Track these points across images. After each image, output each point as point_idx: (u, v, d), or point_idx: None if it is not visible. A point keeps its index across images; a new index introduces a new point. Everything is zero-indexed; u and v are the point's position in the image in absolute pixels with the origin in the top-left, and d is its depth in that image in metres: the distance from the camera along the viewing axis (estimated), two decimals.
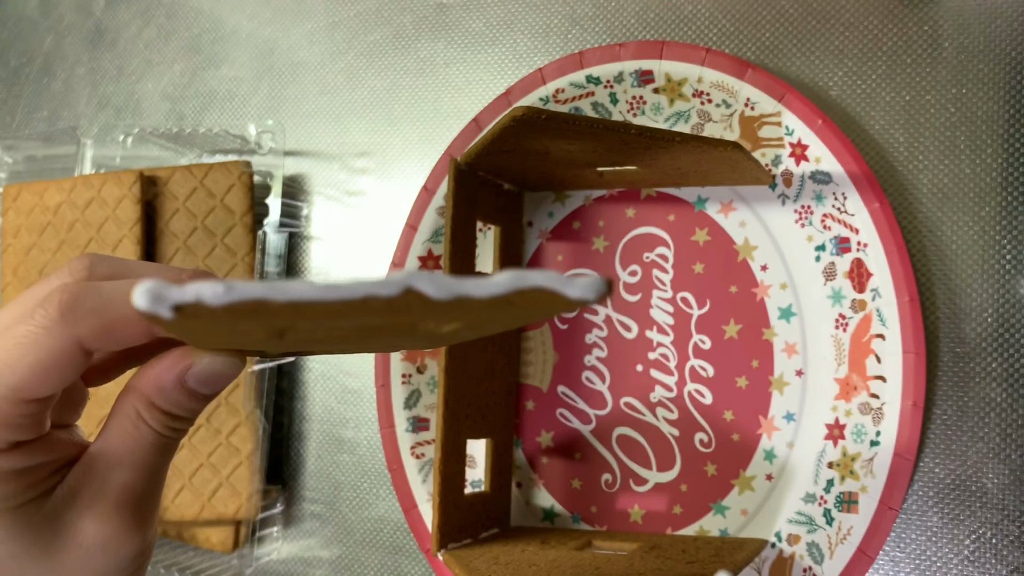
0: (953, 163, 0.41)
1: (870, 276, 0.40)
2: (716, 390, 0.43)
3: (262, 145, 0.52)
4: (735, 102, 0.43)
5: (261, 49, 0.57)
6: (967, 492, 0.39)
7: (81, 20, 0.63)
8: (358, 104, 0.54)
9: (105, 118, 0.61)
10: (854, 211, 0.40)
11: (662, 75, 0.44)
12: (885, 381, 0.39)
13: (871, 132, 0.42)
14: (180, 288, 0.14)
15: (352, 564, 0.50)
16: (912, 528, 0.40)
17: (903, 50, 0.42)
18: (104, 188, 0.52)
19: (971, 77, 0.41)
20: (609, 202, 0.46)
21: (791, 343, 0.42)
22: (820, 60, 0.44)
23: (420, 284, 0.14)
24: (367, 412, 0.51)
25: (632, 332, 0.45)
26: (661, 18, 0.47)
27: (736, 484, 0.42)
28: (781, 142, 0.42)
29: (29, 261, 0.54)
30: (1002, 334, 0.40)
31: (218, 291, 0.14)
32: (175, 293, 0.14)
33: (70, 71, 0.63)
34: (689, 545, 0.40)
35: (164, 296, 0.14)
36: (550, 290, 0.15)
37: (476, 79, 0.51)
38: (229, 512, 0.49)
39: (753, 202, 0.44)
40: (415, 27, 0.53)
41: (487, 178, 0.44)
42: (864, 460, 0.39)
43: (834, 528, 0.39)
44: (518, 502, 0.46)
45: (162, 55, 0.60)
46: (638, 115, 0.45)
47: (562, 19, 0.49)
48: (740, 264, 0.43)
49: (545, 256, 0.47)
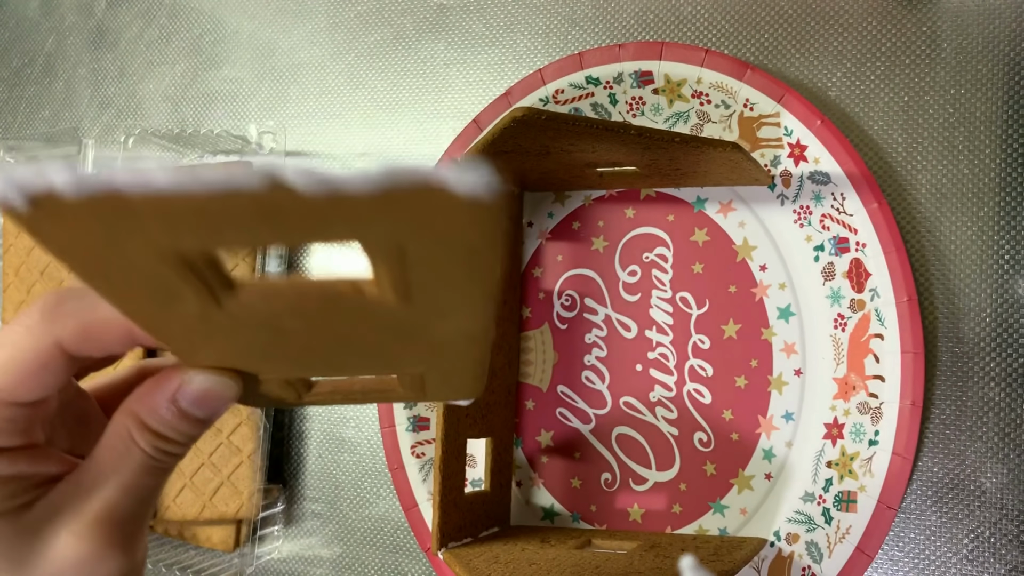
0: (952, 163, 0.41)
1: (869, 276, 0.40)
2: (715, 390, 0.43)
3: (263, 146, 0.52)
4: (734, 103, 0.43)
5: (262, 50, 0.57)
6: (965, 491, 0.39)
7: (83, 21, 0.63)
8: (359, 105, 0.54)
9: (107, 119, 0.61)
10: (853, 211, 0.40)
11: (661, 76, 0.44)
12: (884, 381, 0.39)
13: (870, 132, 0.43)
14: (34, 171, 0.13)
15: (353, 563, 0.50)
16: (911, 527, 0.40)
17: (902, 51, 0.43)
18: None
19: (969, 78, 0.41)
20: (609, 202, 0.47)
21: (790, 343, 0.42)
22: (819, 61, 0.44)
23: (286, 173, 0.13)
24: (368, 411, 0.51)
25: (632, 332, 0.45)
26: (660, 19, 0.47)
27: (735, 483, 0.43)
28: (780, 142, 0.42)
29: (31, 261, 0.55)
30: (1000, 334, 0.40)
31: (69, 176, 0.13)
32: (27, 175, 0.13)
33: (72, 72, 0.63)
34: (688, 544, 0.40)
35: (15, 179, 0.13)
36: (431, 185, 0.13)
37: (476, 80, 0.51)
38: (230, 511, 0.49)
39: (752, 202, 0.44)
40: (415, 28, 0.53)
41: None
42: (863, 459, 0.39)
43: (833, 527, 0.39)
44: (518, 501, 0.46)
45: (163, 56, 0.60)
46: (637, 116, 0.45)
47: (562, 20, 0.49)
48: (739, 264, 0.44)
49: (545, 256, 0.47)
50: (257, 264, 0.50)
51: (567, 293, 0.47)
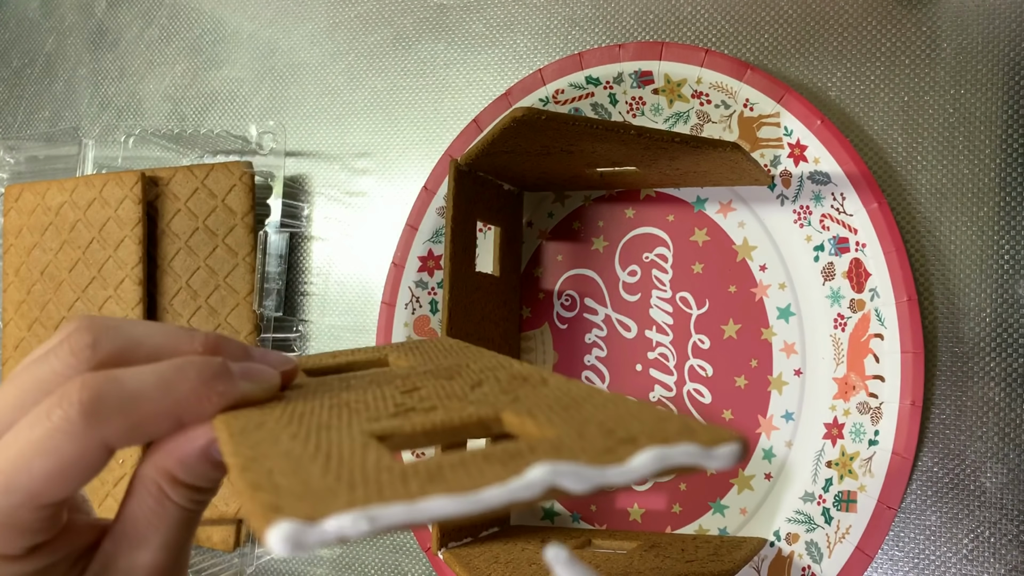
0: (951, 163, 0.41)
1: (868, 276, 0.40)
2: (715, 389, 0.43)
3: (263, 146, 0.52)
4: (734, 103, 0.43)
5: (262, 50, 0.57)
6: (965, 491, 0.40)
7: (83, 21, 0.63)
8: (359, 105, 0.54)
9: (107, 119, 0.61)
10: (853, 211, 0.40)
11: (661, 76, 0.44)
12: (884, 380, 0.39)
13: (870, 133, 0.43)
14: (320, 529, 0.13)
15: (353, 563, 0.50)
16: (910, 527, 0.40)
17: (902, 51, 0.43)
18: (106, 188, 0.52)
19: (969, 78, 0.41)
20: (609, 202, 0.47)
21: (790, 343, 0.42)
22: (819, 61, 0.44)
23: (563, 481, 0.14)
24: None
25: (631, 332, 0.45)
26: (660, 19, 0.47)
27: (735, 483, 0.43)
28: (780, 143, 0.42)
29: (31, 261, 0.55)
30: (1000, 333, 0.40)
31: (361, 527, 0.13)
32: (315, 536, 0.13)
33: (72, 72, 0.63)
34: (688, 544, 0.40)
35: (303, 542, 0.13)
36: (693, 466, 0.14)
37: (476, 80, 0.51)
38: (230, 511, 0.49)
39: (752, 202, 0.44)
40: (415, 28, 0.53)
41: (487, 178, 0.44)
42: (863, 459, 0.39)
43: (833, 527, 0.39)
44: None
45: (164, 56, 0.60)
46: (637, 116, 0.45)
47: (562, 20, 0.49)
48: (739, 264, 0.44)
49: (545, 256, 0.47)
50: (258, 264, 0.50)
51: (567, 293, 0.47)
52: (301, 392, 0.22)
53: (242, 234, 0.51)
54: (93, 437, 0.18)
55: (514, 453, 0.15)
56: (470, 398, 0.20)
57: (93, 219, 0.52)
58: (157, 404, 0.19)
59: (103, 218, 0.52)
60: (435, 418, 0.18)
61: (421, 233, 0.47)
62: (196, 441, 0.20)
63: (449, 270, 0.40)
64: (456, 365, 0.24)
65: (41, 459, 0.18)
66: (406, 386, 0.22)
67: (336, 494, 0.14)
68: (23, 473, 0.18)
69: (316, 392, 0.22)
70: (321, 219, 0.54)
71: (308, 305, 0.53)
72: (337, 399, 0.21)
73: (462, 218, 0.42)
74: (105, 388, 0.18)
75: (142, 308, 0.51)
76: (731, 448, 0.15)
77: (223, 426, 0.19)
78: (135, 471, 0.21)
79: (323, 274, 0.53)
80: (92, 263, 0.52)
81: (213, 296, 0.51)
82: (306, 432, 0.18)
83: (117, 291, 0.51)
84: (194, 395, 0.19)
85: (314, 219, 0.54)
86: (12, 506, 0.18)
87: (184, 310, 0.51)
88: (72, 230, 0.53)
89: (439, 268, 0.48)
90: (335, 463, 0.16)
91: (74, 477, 0.18)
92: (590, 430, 0.16)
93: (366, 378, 0.23)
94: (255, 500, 0.14)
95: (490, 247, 0.46)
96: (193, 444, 0.20)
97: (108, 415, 0.18)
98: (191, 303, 0.51)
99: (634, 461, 0.14)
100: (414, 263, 0.48)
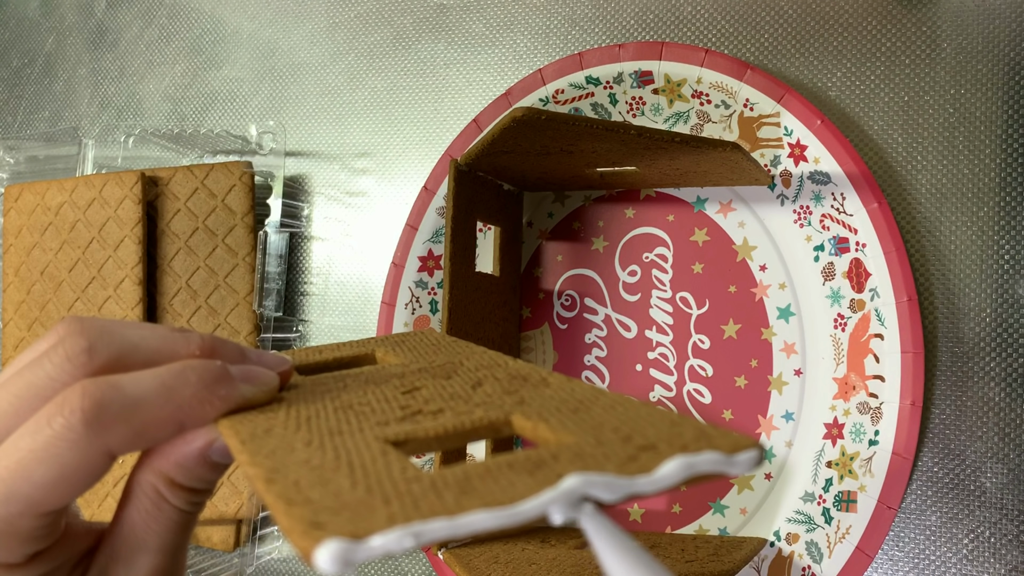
0: (951, 163, 0.41)
1: (868, 276, 0.40)
2: (715, 389, 0.43)
3: (263, 146, 0.52)
4: (734, 103, 0.43)
5: (262, 50, 0.57)
6: (965, 491, 0.39)
7: (83, 21, 0.63)
8: (359, 105, 0.54)
9: (106, 119, 0.61)
10: (853, 211, 0.40)
11: (661, 76, 0.44)
12: (884, 380, 0.39)
13: (870, 133, 0.43)
14: (367, 547, 0.13)
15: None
16: (911, 527, 0.40)
17: (902, 51, 0.43)
18: (105, 188, 0.52)
19: (969, 78, 0.41)
20: (609, 202, 0.47)
21: (790, 343, 0.42)
22: (819, 61, 0.44)
23: (595, 491, 0.14)
24: None
25: (631, 332, 0.45)
26: (660, 19, 0.47)
27: (735, 483, 0.43)
28: (780, 142, 0.42)
29: (31, 261, 0.55)
30: (1000, 334, 0.40)
31: (406, 544, 0.13)
32: (363, 554, 0.13)
33: (72, 72, 0.63)
34: (688, 544, 0.40)
35: (352, 560, 0.13)
36: (716, 473, 0.15)
37: (476, 80, 0.51)
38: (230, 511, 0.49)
39: (752, 202, 0.44)
40: (415, 28, 0.53)
41: (487, 178, 0.44)
42: (863, 459, 0.39)
43: (833, 527, 0.39)
44: None
45: (163, 56, 0.60)
46: (637, 116, 0.45)
47: (562, 20, 0.49)
48: (739, 264, 0.44)
49: (545, 256, 0.47)
50: (258, 264, 0.50)
51: (567, 293, 0.47)
52: (299, 393, 0.22)
53: (242, 234, 0.51)
54: (95, 445, 0.18)
55: (538, 462, 0.15)
56: (474, 399, 0.20)
57: (93, 219, 0.52)
58: (159, 410, 0.18)
59: (103, 218, 0.52)
60: (447, 422, 0.19)
61: (421, 233, 0.47)
62: (193, 444, 0.20)
63: (449, 270, 0.40)
64: (450, 363, 0.24)
65: (42, 467, 0.18)
66: (405, 386, 0.22)
67: (373, 509, 0.14)
68: (24, 481, 0.18)
69: (314, 393, 0.22)
70: (321, 219, 0.54)
71: (308, 305, 0.53)
72: (339, 401, 0.21)
73: (462, 218, 0.42)
74: (107, 395, 0.18)
75: (142, 308, 0.51)
76: (751, 454, 0.15)
77: (230, 432, 0.19)
78: (131, 476, 0.21)
79: (323, 274, 0.53)
80: (92, 263, 0.52)
81: (213, 296, 0.51)
82: (319, 439, 0.18)
83: (117, 291, 0.51)
84: (196, 400, 0.19)
85: (314, 219, 0.54)
86: (13, 514, 0.18)
87: (184, 310, 0.51)
88: (72, 230, 0.53)
89: (439, 268, 0.48)
90: (360, 474, 0.16)
91: (76, 485, 0.18)
92: (607, 436, 0.16)
93: (362, 377, 0.23)
94: (291, 515, 0.14)
95: (490, 247, 0.46)
96: (190, 447, 0.20)
97: (110, 423, 0.18)
98: (191, 303, 0.51)
99: (661, 470, 0.15)
100: (414, 263, 0.48)
